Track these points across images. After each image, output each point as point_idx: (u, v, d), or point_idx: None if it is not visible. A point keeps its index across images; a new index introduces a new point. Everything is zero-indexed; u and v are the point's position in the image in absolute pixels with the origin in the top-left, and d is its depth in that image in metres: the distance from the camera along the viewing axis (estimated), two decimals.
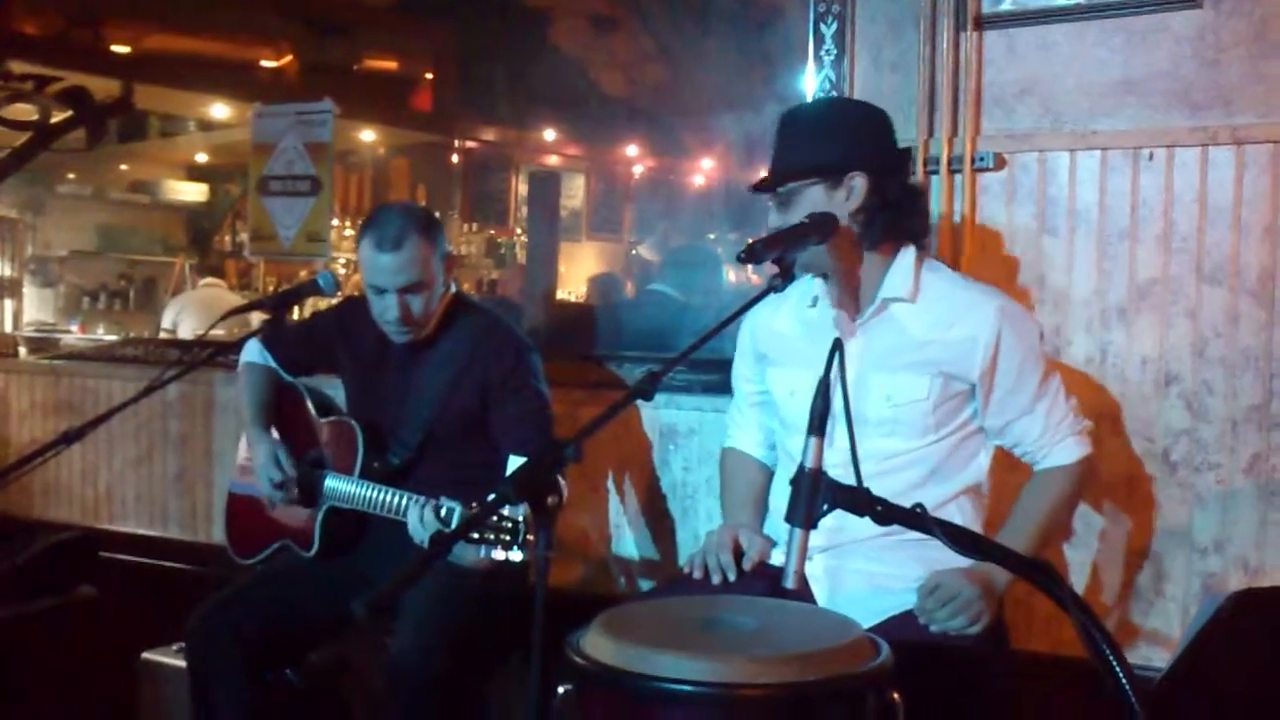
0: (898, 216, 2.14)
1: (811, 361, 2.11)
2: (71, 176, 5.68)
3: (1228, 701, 1.77)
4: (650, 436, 3.21)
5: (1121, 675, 1.24)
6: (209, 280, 5.66)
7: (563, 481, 2.09)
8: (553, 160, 6.08)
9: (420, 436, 2.68)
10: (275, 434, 2.88)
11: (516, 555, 1.99)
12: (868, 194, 2.12)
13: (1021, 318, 2.21)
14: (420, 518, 2.43)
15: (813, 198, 2.13)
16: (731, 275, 4.47)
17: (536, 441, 2.54)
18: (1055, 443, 2.20)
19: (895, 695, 1.53)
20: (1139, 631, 2.64)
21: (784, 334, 2.31)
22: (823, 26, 2.92)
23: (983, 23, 2.75)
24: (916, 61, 2.79)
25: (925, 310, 2.16)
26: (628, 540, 3.26)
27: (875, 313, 2.17)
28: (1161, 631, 2.61)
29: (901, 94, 2.83)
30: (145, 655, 3.12)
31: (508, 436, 2.62)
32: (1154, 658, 2.58)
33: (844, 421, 1.65)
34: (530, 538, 2.05)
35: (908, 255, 2.18)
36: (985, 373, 2.13)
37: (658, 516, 3.21)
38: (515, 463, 2.51)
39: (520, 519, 2.05)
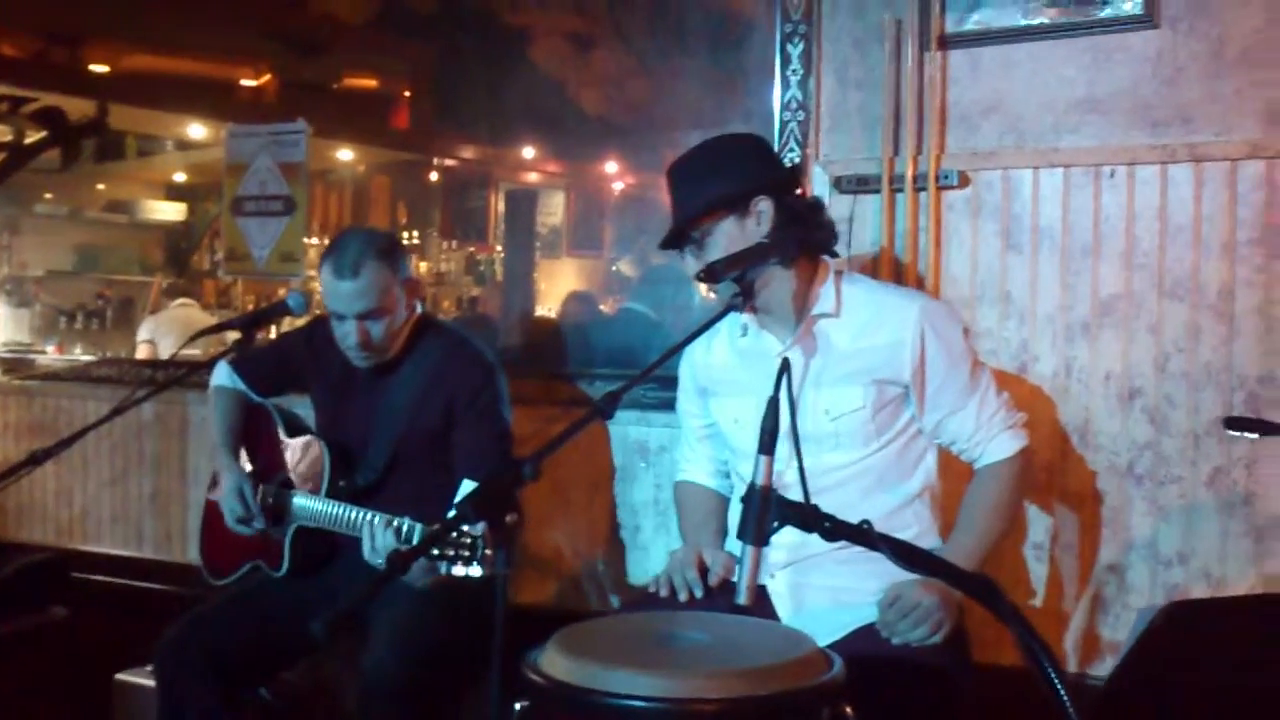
0: (807, 230, 2.18)
1: (752, 388, 2.13)
2: (48, 196, 5.67)
3: (1166, 711, 1.79)
4: (622, 454, 3.23)
5: (1060, 687, 1.26)
6: (182, 300, 5.66)
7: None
8: (532, 177, 6.09)
9: (387, 457, 2.69)
10: (245, 458, 2.88)
11: (475, 570, 1.99)
12: (775, 214, 2.16)
13: (944, 315, 2.25)
14: (374, 538, 2.43)
15: (725, 231, 2.17)
16: (707, 292, 4.47)
17: (490, 468, 2.55)
18: (990, 438, 2.23)
19: (848, 709, 1.54)
20: (1105, 643, 2.66)
21: (721, 366, 2.35)
22: (789, 46, 2.95)
23: (947, 42, 2.79)
24: (882, 80, 2.83)
25: (849, 321, 2.20)
26: (600, 557, 3.27)
27: (805, 331, 2.21)
28: (1127, 645, 2.62)
29: (867, 112, 2.86)
30: (119, 676, 3.11)
31: (463, 460, 2.63)
32: None
33: (793, 439, 1.67)
34: (489, 553, 2.06)
35: (828, 274, 2.23)
36: (915, 372, 2.18)
37: (631, 533, 3.23)
38: (467, 487, 2.52)
39: (479, 535, 2.06)
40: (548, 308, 5.27)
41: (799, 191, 2.32)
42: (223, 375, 2.95)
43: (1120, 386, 2.64)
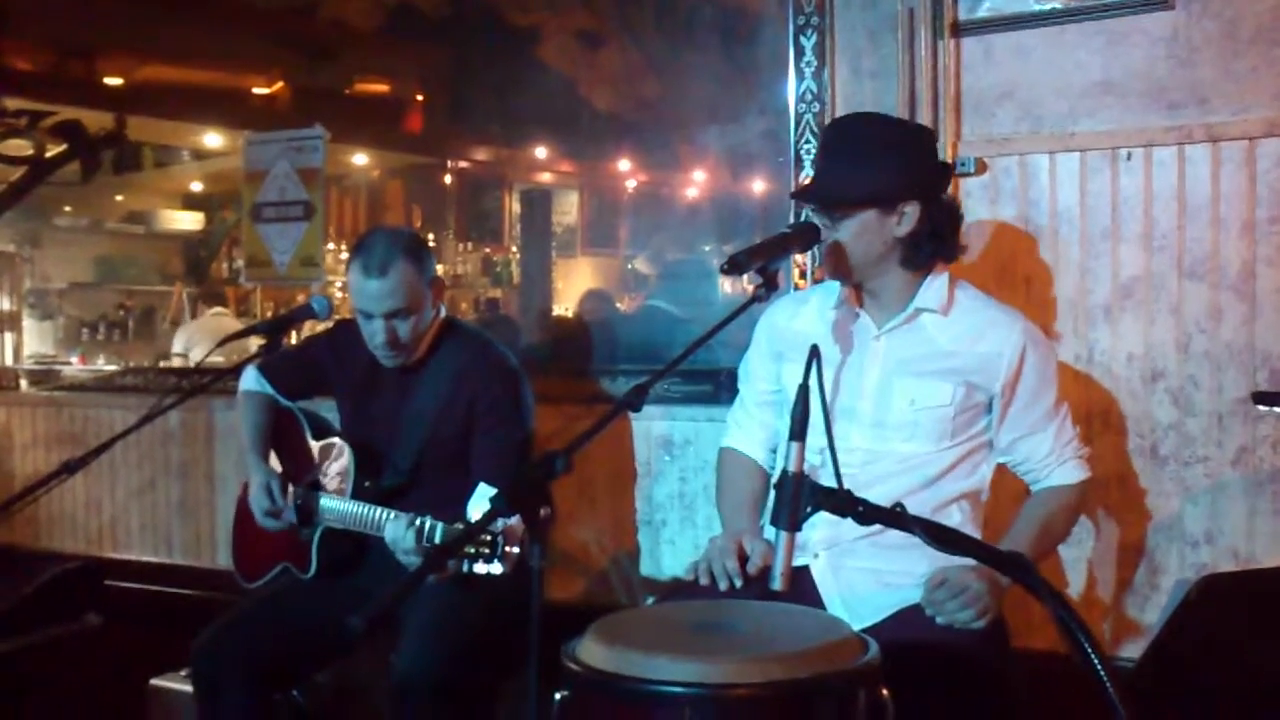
0: (942, 241, 2.20)
1: (831, 361, 2.15)
2: (68, 209, 5.70)
3: (1200, 684, 1.80)
4: (647, 448, 3.24)
5: (1097, 663, 1.27)
6: (216, 310, 5.69)
7: None
8: (546, 177, 6.11)
9: (413, 460, 2.71)
10: (275, 459, 2.91)
11: (496, 568, 2.01)
12: (919, 221, 2.16)
13: (1043, 341, 2.28)
14: (397, 530, 2.45)
15: (864, 220, 2.16)
16: (728, 286, 4.50)
17: (508, 474, 2.56)
18: (1059, 463, 2.26)
19: (885, 692, 1.56)
20: (1136, 626, 2.67)
21: (805, 333, 2.30)
22: (802, 38, 2.96)
23: (960, 30, 2.80)
24: (896, 69, 2.83)
25: (954, 323, 2.21)
26: (627, 552, 3.28)
27: (905, 320, 2.22)
28: (1157, 624, 2.63)
29: (882, 102, 2.87)
30: (153, 682, 3.13)
31: (482, 464, 2.64)
32: None
33: (865, 416, 1.65)
34: (509, 550, 2.08)
35: (944, 273, 2.25)
36: (1006, 385, 2.19)
37: (657, 527, 3.24)
38: (484, 491, 2.53)
39: (498, 533, 2.07)
40: (564, 307, 5.30)
41: (947, 195, 2.29)
42: (251, 380, 2.98)
43: (1143, 368, 2.64)
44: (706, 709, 1.50)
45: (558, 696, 1.61)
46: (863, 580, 2.18)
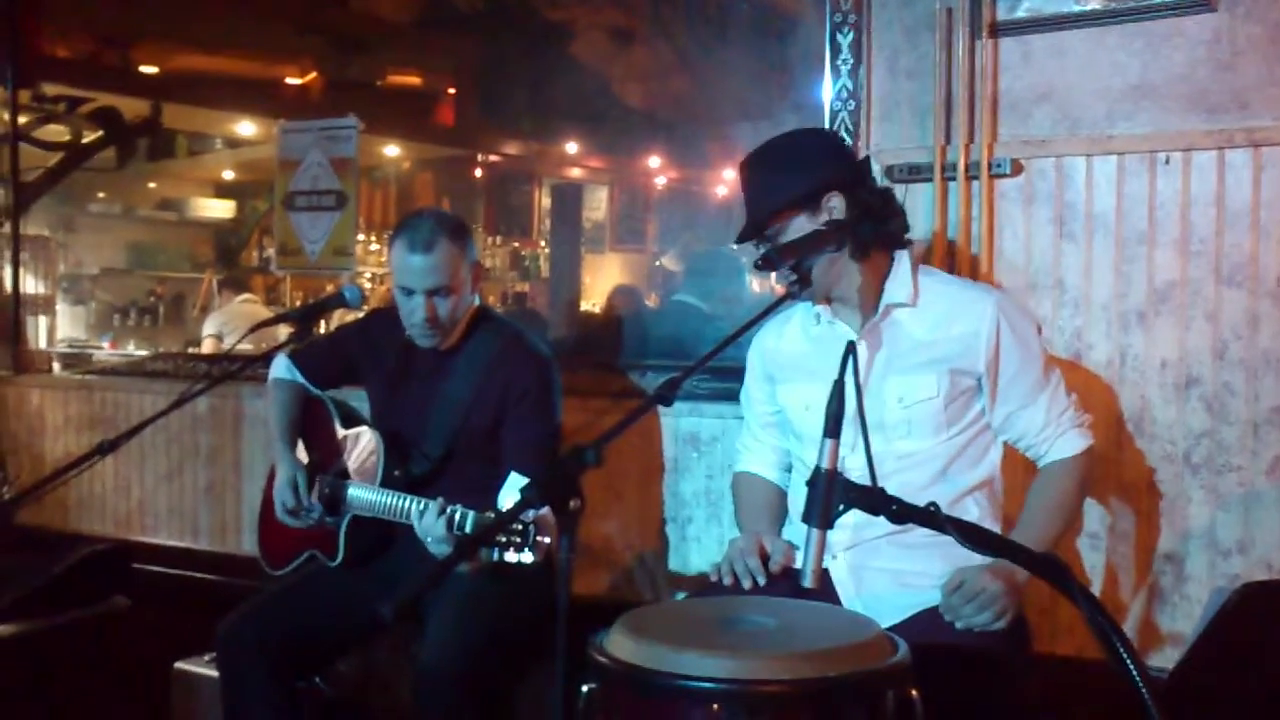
0: (879, 223, 2.21)
1: (823, 375, 2.14)
2: (102, 195, 5.76)
3: (1237, 693, 1.78)
4: (674, 444, 3.24)
5: (1131, 667, 1.26)
6: (245, 296, 5.74)
7: None
8: (575, 173, 6.12)
9: (443, 448, 2.72)
10: (302, 449, 2.92)
11: (528, 557, 2.01)
12: (847, 210, 2.19)
13: (1018, 311, 2.29)
14: (428, 519, 2.45)
15: (798, 228, 2.19)
16: (756, 285, 4.49)
17: (540, 463, 2.57)
18: (1058, 435, 2.25)
19: (914, 692, 1.55)
20: (1162, 634, 2.65)
21: (792, 352, 2.38)
22: (839, 35, 2.95)
23: (998, 30, 2.78)
24: (933, 69, 2.82)
25: (925, 311, 2.23)
26: (652, 548, 3.28)
27: (879, 319, 2.23)
28: (1185, 633, 2.60)
29: (918, 101, 2.86)
30: (178, 665, 3.15)
31: (514, 453, 2.65)
32: (1177, 659, 2.58)
33: (859, 424, 1.68)
34: (540, 539, 2.08)
35: (903, 262, 2.26)
36: (990, 363, 2.20)
37: (682, 524, 3.24)
38: (515, 480, 2.54)
39: (530, 522, 2.08)
40: (592, 303, 5.30)
41: (871, 183, 2.32)
42: (281, 368, 2.99)
43: (1177, 374, 2.62)
44: (735, 704, 1.50)
45: (585, 689, 1.61)
46: (882, 581, 2.18)
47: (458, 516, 2.42)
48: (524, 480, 2.35)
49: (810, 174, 2.19)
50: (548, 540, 2.17)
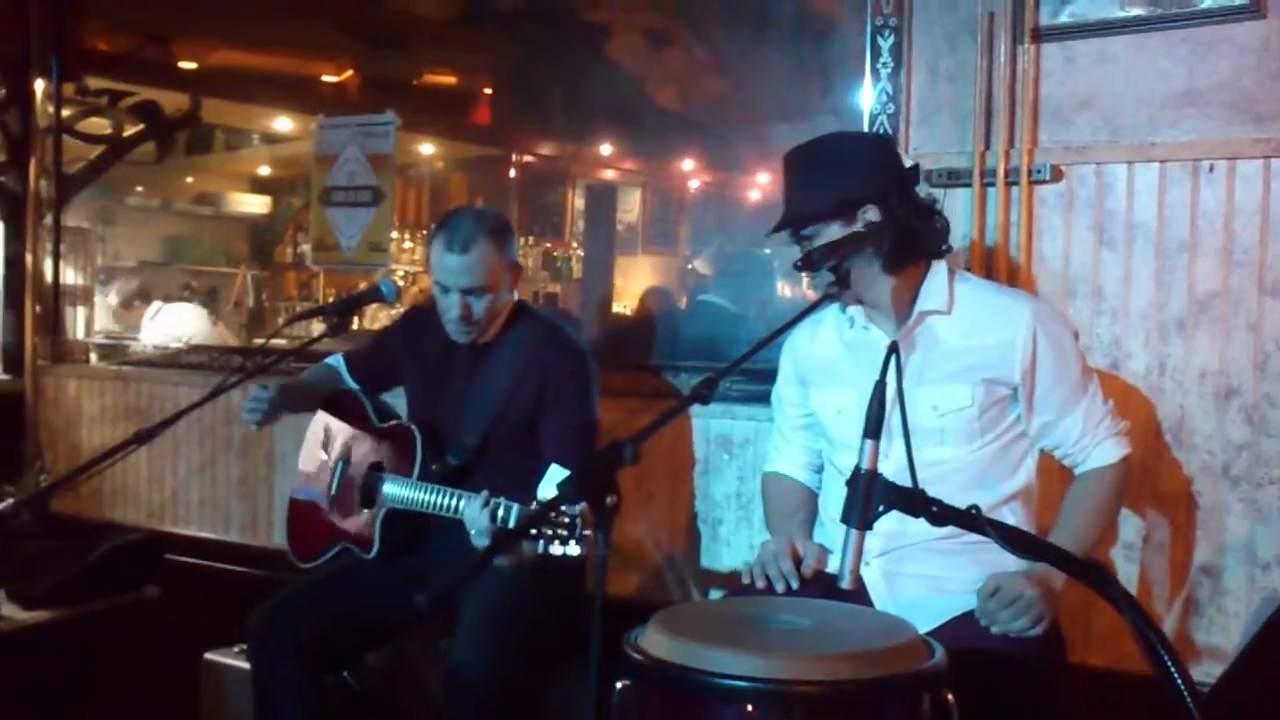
0: (914, 237, 2.20)
1: (856, 380, 2.16)
2: (140, 189, 5.81)
3: None
4: (705, 446, 3.23)
5: (1175, 672, 1.24)
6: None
7: None
8: (609, 174, 6.11)
9: (479, 439, 2.73)
10: (339, 441, 2.94)
11: (574, 549, 2.01)
12: (882, 223, 2.17)
13: (1055, 318, 2.27)
14: (472, 509, 2.46)
15: (832, 235, 2.19)
16: (787, 290, 4.48)
17: (579, 455, 2.58)
18: (1095, 444, 2.23)
19: (950, 696, 1.54)
20: (1197, 647, 2.62)
21: (825, 356, 2.37)
22: (879, 39, 2.94)
23: (1040, 35, 2.76)
24: (973, 74, 2.80)
25: (960, 319, 2.21)
26: (682, 550, 3.28)
27: (914, 326, 2.21)
28: (1221, 647, 2.58)
29: (958, 106, 2.84)
30: (208, 655, 3.17)
31: (553, 445, 2.66)
32: (1215, 673, 2.55)
33: (897, 428, 1.68)
34: (587, 533, 2.08)
35: (940, 270, 2.25)
36: (1025, 373, 2.18)
37: (712, 526, 3.23)
38: (555, 473, 2.55)
39: (577, 514, 2.08)
40: (624, 305, 5.30)
41: (913, 196, 2.28)
42: (331, 359, 3.08)
43: (1216, 385, 2.59)
44: (770, 704, 1.49)
45: (618, 685, 1.61)
46: (916, 587, 2.17)
47: (501, 510, 2.42)
48: (564, 472, 2.35)
49: (848, 184, 2.18)
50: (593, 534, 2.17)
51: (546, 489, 2.50)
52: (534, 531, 1.95)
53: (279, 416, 2.84)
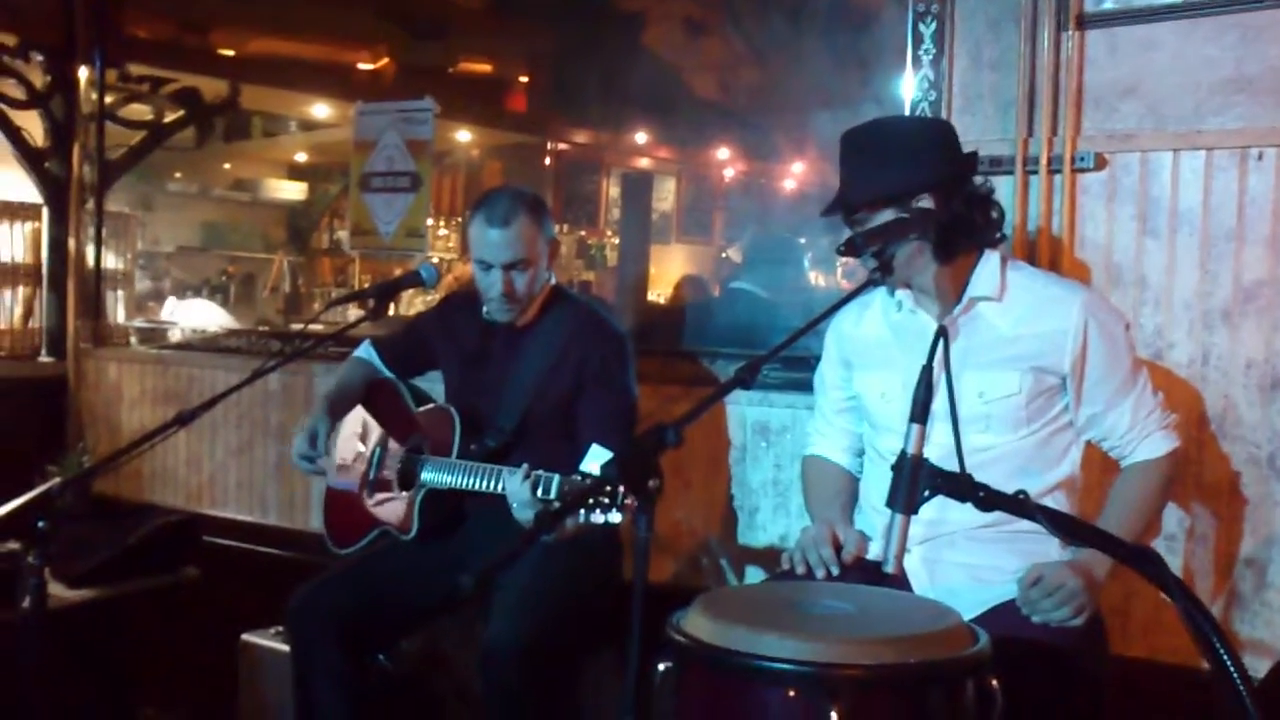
0: (969, 229, 2.18)
1: (902, 364, 2.15)
2: (179, 175, 5.86)
3: None
4: (742, 434, 3.23)
5: (1226, 659, 1.23)
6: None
7: None
8: (644, 163, 6.10)
9: (516, 422, 2.74)
10: (375, 424, 2.95)
11: (615, 517, 2.02)
12: (937, 213, 2.15)
13: (1107, 309, 2.25)
14: (513, 482, 2.46)
15: (883, 219, 2.17)
16: (821, 280, 4.46)
17: (620, 436, 2.58)
18: (1144, 436, 2.22)
19: (994, 683, 1.53)
20: (1241, 640, 2.59)
21: (871, 339, 2.35)
22: (921, 26, 2.92)
23: (1084, 21, 2.73)
24: (1016, 61, 2.78)
25: (1012, 307, 2.19)
26: (718, 536, 3.28)
27: (962, 311, 2.20)
28: (1265, 640, 2.55)
29: (1001, 93, 2.82)
30: (245, 637, 3.21)
31: (593, 427, 2.66)
32: (1259, 668, 2.51)
33: (942, 413, 1.67)
34: (629, 501, 2.08)
35: (992, 257, 2.23)
36: (1075, 363, 2.16)
37: (750, 513, 3.23)
38: (597, 453, 2.55)
39: (619, 483, 2.07)
40: (658, 293, 5.29)
41: (970, 185, 2.26)
42: (360, 350, 3.06)
43: (1262, 376, 2.56)
44: (813, 687, 1.49)
45: (660, 667, 1.62)
46: (957, 575, 2.16)
47: (542, 481, 2.42)
48: (605, 453, 2.35)
49: (908, 172, 2.16)
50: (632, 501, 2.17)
51: (589, 466, 2.50)
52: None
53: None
